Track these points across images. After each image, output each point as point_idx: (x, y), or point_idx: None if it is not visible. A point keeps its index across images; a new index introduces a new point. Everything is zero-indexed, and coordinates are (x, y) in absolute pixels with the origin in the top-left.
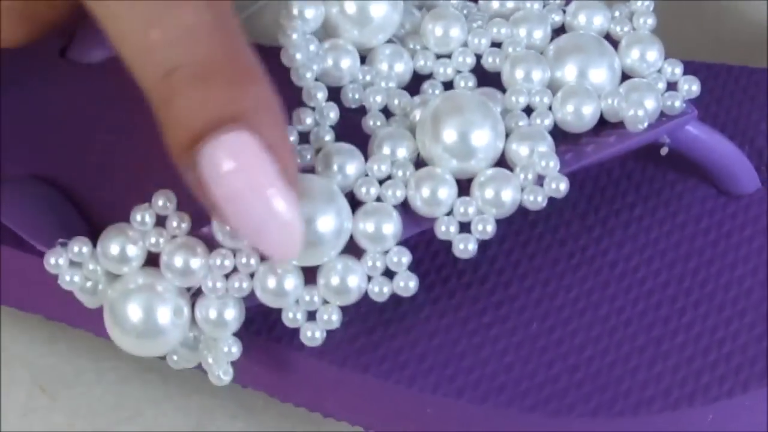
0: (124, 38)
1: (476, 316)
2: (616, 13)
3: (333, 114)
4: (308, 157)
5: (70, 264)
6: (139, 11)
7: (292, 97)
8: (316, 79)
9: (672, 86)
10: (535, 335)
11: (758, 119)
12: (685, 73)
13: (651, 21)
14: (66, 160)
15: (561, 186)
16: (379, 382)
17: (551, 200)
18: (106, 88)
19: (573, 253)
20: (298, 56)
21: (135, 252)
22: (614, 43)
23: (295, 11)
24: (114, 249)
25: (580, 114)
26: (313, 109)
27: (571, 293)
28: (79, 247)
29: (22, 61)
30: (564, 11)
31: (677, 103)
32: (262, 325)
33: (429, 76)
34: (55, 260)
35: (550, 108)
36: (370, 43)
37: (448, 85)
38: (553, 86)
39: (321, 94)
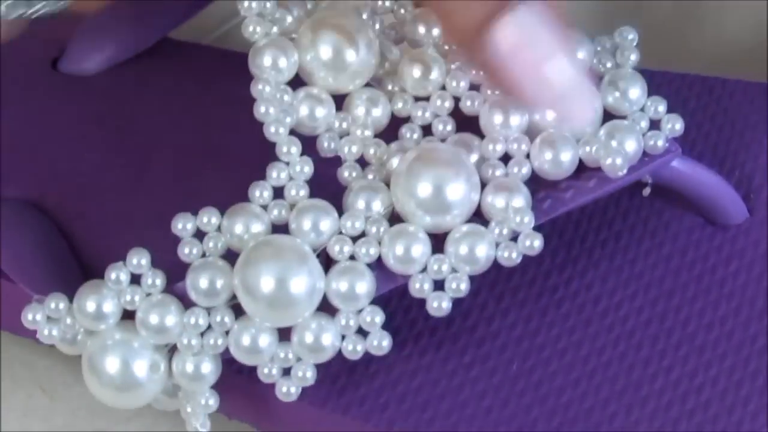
0: None
1: (457, 355)
2: (600, 46)
3: (308, 168)
4: (282, 213)
5: (47, 319)
6: None
7: None
8: (291, 132)
9: (655, 124)
10: (514, 376)
11: (751, 140)
12: (680, 87)
13: (634, 57)
14: (54, 180)
15: (535, 243)
16: (359, 424)
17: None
18: (97, 103)
19: (557, 286)
20: (271, 111)
21: (111, 309)
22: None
23: (268, 61)
24: (90, 306)
25: (558, 161)
26: (287, 163)
27: (553, 331)
28: (56, 303)
29: (13, 73)
30: None
31: (660, 143)
32: (243, 365)
33: (407, 119)
34: (33, 316)
35: (527, 155)
36: (347, 88)
37: (427, 129)
38: (532, 130)
39: (295, 149)
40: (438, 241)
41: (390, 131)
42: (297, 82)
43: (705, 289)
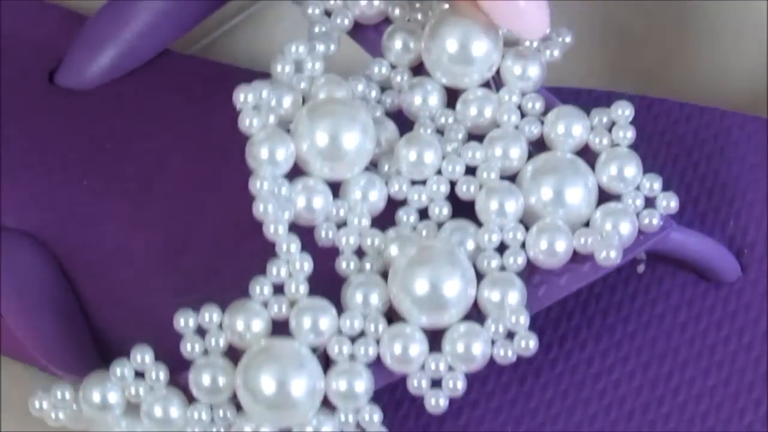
0: None
1: (452, 418)
2: (596, 120)
3: (307, 265)
4: (283, 309)
5: (54, 406)
6: None
7: None
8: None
9: (650, 200)
10: None
11: (746, 187)
12: (677, 119)
13: (630, 134)
14: (52, 210)
15: (530, 344)
16: None
17: None
18: (96, 123)
19: (551, 344)
20: (270, 209)
21: (116, 400)
22: (592, 154)
23: (265, 154)
24: (95, 396)
25: (554, 251)
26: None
27: (547, 394)
28: (62, 392)
29: (9, 88)
30: (542, 122)
31: (655, 221)
32: None
33: (404, 201)
34: (39, 404)
35: (523, 245)
36: (344, 176)
37: (423, 212)
38: (527, 214)
39: (294, 247)
40: (435, 336)
41: (387, 210)
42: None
43: (696, 355)
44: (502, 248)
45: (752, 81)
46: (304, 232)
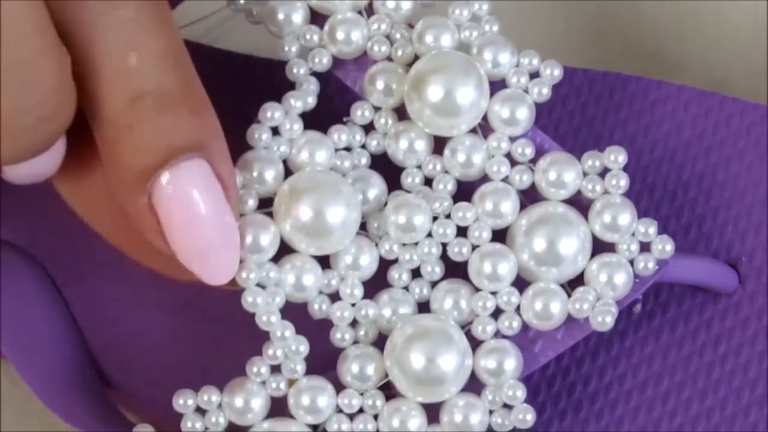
0: (102, 62)
1: None
2: (588, 164)
3: (303, 348)
4: (281, 387)
5: None
6: (122, 34)
7: None
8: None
9: (645, 244)
10: None
11: (745, 187)
12: (675, 107)
13: (623, 183)
14: (43, 225)
15: (528, 417)
16: None
17: None
18: None
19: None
20: (259, 300)
21: None
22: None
23: (249, 239)
24: None
25: (549, 315)
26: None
27: (543, 416)
28: None
29: None
30: (532, 169)
31: (650, 265)
32: None
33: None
34: None
35: (518, 308)
36: (333, 250)
37: (416, 271)
38: (521, 269)
39: (289, 332)
40: (433, 405)
41: (378, 275)
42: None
43: (693, 375)
44: (496, 309)
45: (752, 81)
46: None
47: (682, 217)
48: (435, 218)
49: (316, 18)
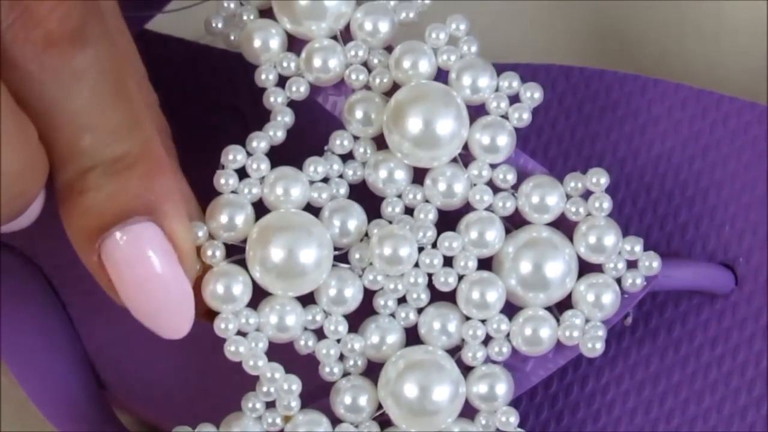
0: (56, 141)
1: None
2: (571, 186)
3: (295, 386)
4: (277, 421)
5: None
6: (77, 119)
7: None
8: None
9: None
10: None
11: (743, 187)
12: (672, 105)
13: (607, 205)
14: (39, 227)
15: None
16: None
17: None
18: None
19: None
20: (242, 349)
21: None
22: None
23: (221, 289)
24: None
25: (539, 341)
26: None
27: (541, 417)
28: None
29: None
30: (515, 195)
31: (638, 281)
32: None
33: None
34: None
35: (508, 335)
36: (311, 289)
37: (402, 299)
38: (509, 295)
39: (278, 374)
40: None
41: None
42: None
43: (690, 377)
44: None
45: (752, 80)
46: None
47: (679, 217)
48: (420, 249)
49: (293, 42)
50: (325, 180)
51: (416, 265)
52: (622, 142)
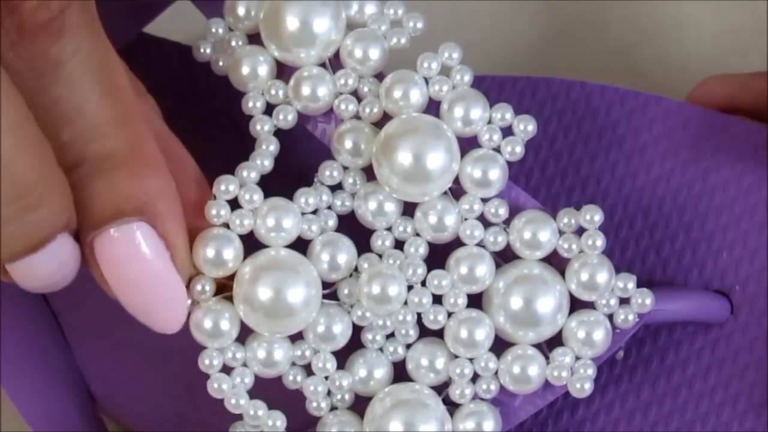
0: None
1: None
2: (564, 221)
3: (279, 423)
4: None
5: None
6: (55, 112)
7: None
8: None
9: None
10: None
11: (742, 212)
12: (674, 126)
13: (600, 242)
14: None
15: None
16: None
17: None
18: None
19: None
20: (225, 387)
21: None
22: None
23: (208, 324)
24: None
25: (527, 379)
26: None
27: None
28: None
29: None
30: (506, 230)
31: (630, 317)
32: None
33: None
34: None
35: (496, 373)
36: (299, 329)
37: (390, 334)
38: (498, 331)
39: (261, 411)
40: None
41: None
42: None
43: (681, 407)
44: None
45: None
46: None
47: (676, 242)
48: (410, 287)
49: (282, 69)
50: (314, 211)
51: (405, 303)
52: (621, 161)
